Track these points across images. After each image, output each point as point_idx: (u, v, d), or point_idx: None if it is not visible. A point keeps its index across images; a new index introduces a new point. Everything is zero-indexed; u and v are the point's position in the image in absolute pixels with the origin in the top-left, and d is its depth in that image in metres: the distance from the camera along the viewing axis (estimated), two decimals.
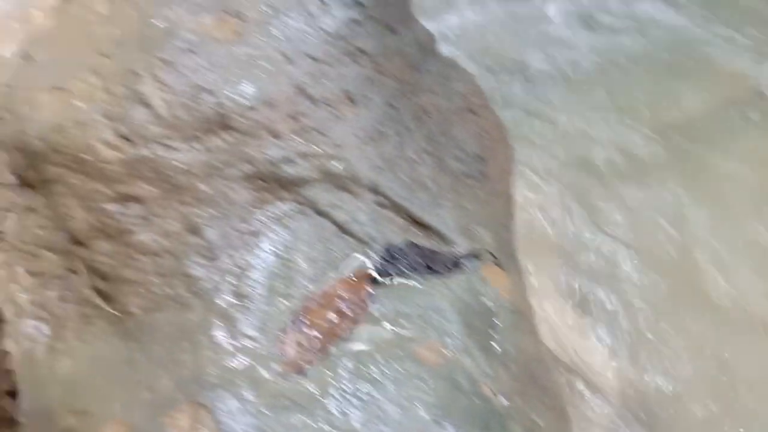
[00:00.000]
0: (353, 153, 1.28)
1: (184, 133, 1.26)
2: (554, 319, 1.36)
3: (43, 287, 1.32)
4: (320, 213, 1.25)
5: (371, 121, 1.33)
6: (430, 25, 1.52)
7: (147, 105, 1.26)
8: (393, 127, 1.35)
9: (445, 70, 1.52)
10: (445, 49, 1.53)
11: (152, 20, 1.41)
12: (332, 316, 1.13)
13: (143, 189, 1.24)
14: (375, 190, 1.28)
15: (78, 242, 1.29)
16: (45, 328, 1.27)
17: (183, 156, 1.25)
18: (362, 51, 1.36)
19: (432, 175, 1.33)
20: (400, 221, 1.25)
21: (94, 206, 1.26)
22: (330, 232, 1.23)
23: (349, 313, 1.13)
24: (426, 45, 1.50)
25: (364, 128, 1.32)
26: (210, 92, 1.28)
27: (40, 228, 1.37)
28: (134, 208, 1.24)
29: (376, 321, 1.11)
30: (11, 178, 1.45)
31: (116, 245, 1.24)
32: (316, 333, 1.11)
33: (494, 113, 1.55)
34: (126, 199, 1.24)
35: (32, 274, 1.34)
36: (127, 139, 1.25)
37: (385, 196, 1.27)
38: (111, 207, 1.25)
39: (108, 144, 1.26)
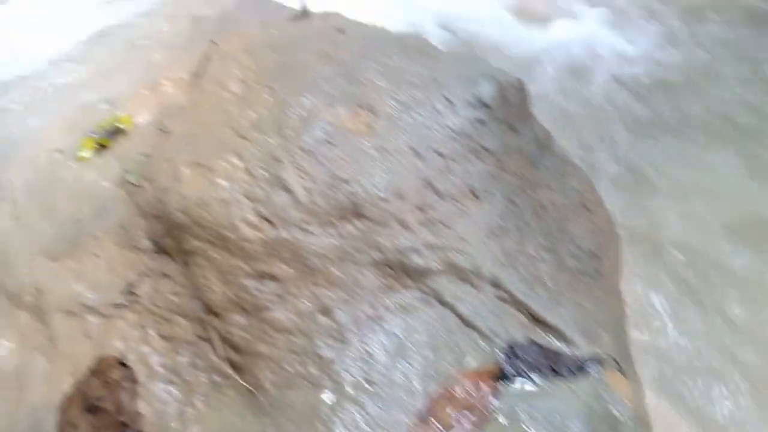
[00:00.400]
0: (476, 247, 1.40)
1: (321, 219, 1.41)
2: (667, 428, 1.41)
3: (174, 352, 1.47)
4: (444, 304, 1.36)
5: (494, 216, 1.45)
6: None
7: (288, 190, 1.42)
8: (514, 222, 1.47)
9: (560, 166, 1.64)
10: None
11: (289, 107, 1.59)
12: (458, 411, 1.22)
13: (280, 268, 1.39)
14: (497, 285, 1.38)
15: (212, 312, 1.44)
16: (176, 393, 1.41)
17: (318, 240, 1.40)
18: (486, 149, 1.50)
19: (551, 272, 1.43)
20: (522, 318, 1.34)
21: (232, 280, 1.41)
22: (453, 324, 1.33)
23: (474, 409, 1.22)
24: (543, 141, 1.64)
25: (487, 223, 1.44)
26: (346, 182, 1.43)
27: (173, 294, 1.53)
28: (270, 286, 1.38)
29: (501, 420, 1.20)
30: (148, 244, 1.63)
31: (251, 319, 1.38)
32: (442, 428, 1.20)
33: (606, 209, 1.65)
34: (263, 276, 1.39)
35: (164, 337, 1.50)
36: (268, 221, 1.41)
37: (507, 291, 1.38)
38: (248, 283, 1.39)
39: (250, 224, 1.42)
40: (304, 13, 2.22)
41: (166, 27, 2.66)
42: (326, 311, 1.35)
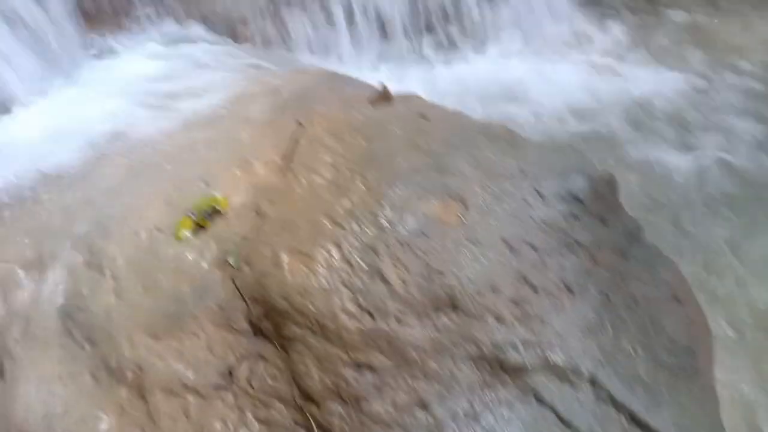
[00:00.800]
0: (573, 343, 1.43)
1: (417, 310, 1.47)
2: None
3: None
4: (542, 402, 1.38)
5: (589, 312, 1.48)
6: None
7: (385, 281, 1.50)
8: (608, 317, 1.49)
9: (650, 257, 1.67)
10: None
11: (382, 197, 1.69)
12: None
13: (377, 359, 1.45)
14: (595, 383, 1.40)
15: (310, 399, 1.50)
16: None
17: (414, 332, 1.46)
18: (578, 242, 1.55)
19: (648, 369, 1.44)
20: (623, 420, 1.35)
21: (330, 368, 1.48)
22: (553, 424, 1.35)
23: None
24: (633, 233, 1.67)
25: (583, 318, 1.47)
26: (441, 273, 1.50)
27: (271, 377, 1.61)
28: (368, 376, 1.45)
29: None
30: (246, 326, 1.73)
31: (349, 409, 1.44)
32: None
33: (697, 301, 1.65)
34: (361, 366, 1.45)
35: (261, 421, 1.57)
36: (367, 311, 1.48)
37: (606, 391, 1.39)
38: (347, 372, 1.46)
39: (349, 313, 1.50)
40: (385, 95, 2.36)
41: (249, 103, 2.86)
42: (424, 405, 1.40)
